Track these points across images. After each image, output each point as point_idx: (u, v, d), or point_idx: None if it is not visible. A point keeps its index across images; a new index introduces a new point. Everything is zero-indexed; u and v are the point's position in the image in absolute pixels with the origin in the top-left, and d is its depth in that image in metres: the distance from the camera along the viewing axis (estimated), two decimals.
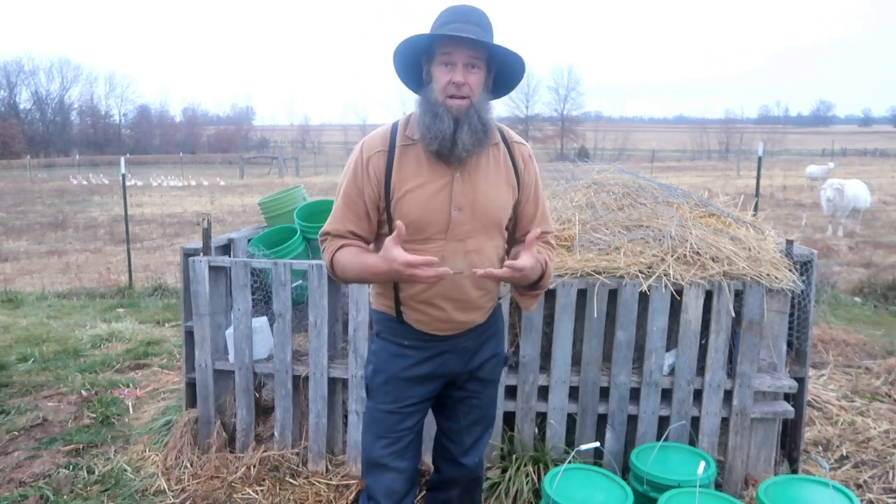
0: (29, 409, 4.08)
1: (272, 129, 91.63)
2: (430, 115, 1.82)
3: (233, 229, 8.33)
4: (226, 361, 3.36)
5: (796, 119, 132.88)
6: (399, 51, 1.88)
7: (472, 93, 1.82)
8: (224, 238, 3.74)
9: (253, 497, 3.05)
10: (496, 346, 2.15)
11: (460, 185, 1.88)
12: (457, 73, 1.80)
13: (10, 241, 13.03)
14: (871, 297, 6.91)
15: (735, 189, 8.94)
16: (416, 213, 1.87)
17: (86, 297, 7.84)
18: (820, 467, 3.22)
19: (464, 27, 1.80)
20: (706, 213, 3.41)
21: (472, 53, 1.81)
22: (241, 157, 37.16)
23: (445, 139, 1.81)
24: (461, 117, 1.81)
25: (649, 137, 61.55)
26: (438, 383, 2.08)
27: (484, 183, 1.92)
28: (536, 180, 2.05)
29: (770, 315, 2.98)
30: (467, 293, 1.94)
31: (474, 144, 1.84)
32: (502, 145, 1.99)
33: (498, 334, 2.17)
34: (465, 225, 1.89)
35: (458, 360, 2.06)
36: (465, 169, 1.90)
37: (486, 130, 1.86)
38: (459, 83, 1.80)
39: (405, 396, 2.04)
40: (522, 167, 2.01)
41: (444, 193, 1.88)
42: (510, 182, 1.98)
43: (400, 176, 1.89)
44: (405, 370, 2.03)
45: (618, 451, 3.06)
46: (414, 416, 2.07)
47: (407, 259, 1.70)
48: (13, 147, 49.93)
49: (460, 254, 1.90)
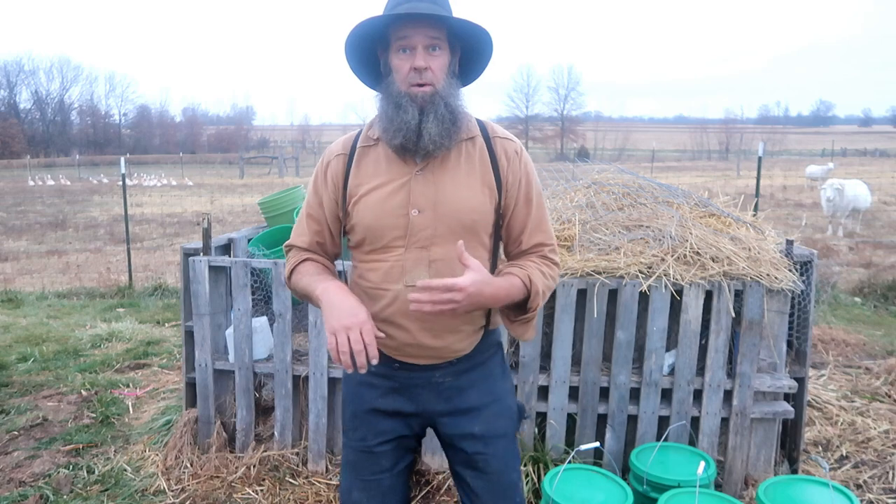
0: (29, 409, 4.08)
1: (272, 129, 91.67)
2: (393, 106, 1.60)
3: (233, 229, 8.34)
4: (226, 361, 3.36)
5: (796, 119, 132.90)
6: (350, 43, 1.65)
7: (435, 78, 1.59)
8: (224, 238, 3.74)
9: (253, 497, 3.05)
10: (495, 391, 1.76)
11: (420, 184, 1.63)
12: (417, 58, 1.57)
13: (10, 241, 13.03)
14: (871, 297, 6.91)
15: (735, 189, 8.94)
16: (370, 218, 1.64)
17: (86, 296, 7.84)
18: (820, 467, 3.22)
19: (417, 5, 1.56)
20: (706, 213, 3.41)
21: (430, 33, 1.58)
22: (241, 157, 37.15)
23: (410, 131, 1.58)
24: (426, 106, 1.58)
25: (649, 137, 61.57)
26: (415, 422, 1.76)
27: (451, 181, 1.64)
28: (528, 181, 1.71)
29: (770, 315, 2.98)
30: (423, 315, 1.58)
31: (442, 135, 1.59)
32: (480, 140, 1.70)
33: (492, 378, 1.77)
34: (427, 229, 1.62)
35: (435, 398, 1.73)
36: (430, 165, 1.65)
37: (454, 119, 1.61)
38: (420, 68, 1.57)
39: (376, 433, 1.74)
40: (505, 164, 1.69)
41: (401, 193, 1.63)
42: (486, 181, 1.67)
43: (356, 179, 1.68)
44: (372, 401, 1.74)
45: (618, 451, 3.06)
46: (390, 457, 1.76)
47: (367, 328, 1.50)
48: (13, 147, 49.97)
49: (423, 263, 1.63)
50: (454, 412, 1.73)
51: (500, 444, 1.74)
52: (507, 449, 1.76)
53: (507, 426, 1.77)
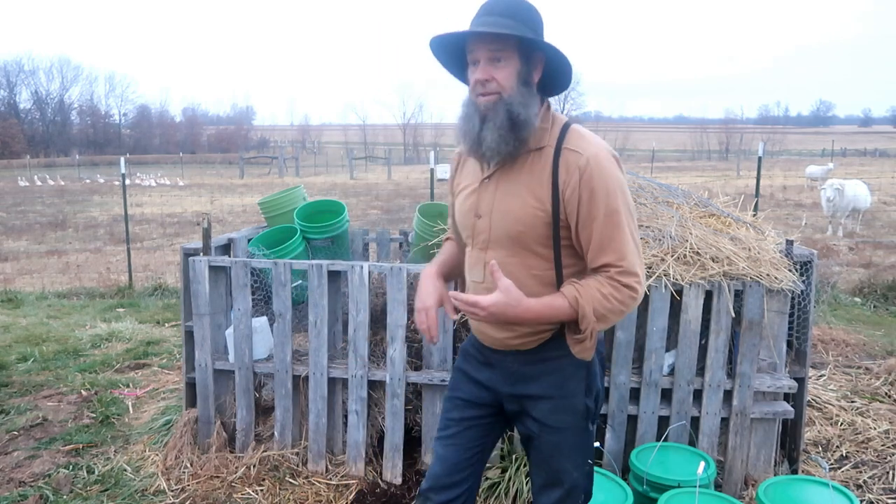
0: (29, 409, 4.08)
1: (272, 129, 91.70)
2: (463, 115, 1.76)
3: (233, 229, 8.34)
4: (226, 361, 3.36)
5: (796, 119, 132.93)
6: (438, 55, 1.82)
7: (501, 88, 1.67)
8: (224, 238, 3.74)
9: (253, 497, 3.05)
10: (556, 387, 1.84)
11: (485, 192, 1.79)
12: (478, 70, 1.69)
13: (10, 241, 13.03)
14: (871, 297, 6.91)
15: (735, 189, 8.94)
16: (456, 217, 1.93)
17: (86, 296, 7.84)
18: (820, 467, 3.22)
19: (486, 20, 1.67)
20: (706, 213, 3.41)
21: (492, 47, 1.67)
22: (241, 157, 37.17)
23: (473, 139, 1.71)
24: (488, 114, 1.69)
25: (649, 137, 61.58)
26: (487, 395, 1.94)
27: (507, 191, 1.74)
28: (591, 197, 1.66)
29: (770, 315, 2.98)
30: None
31: (498, 143, 1.68)
32: (549, 150, 1.72)
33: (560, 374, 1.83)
34: (484, 234, 1.79)
35: (503, 379, 1.89)
36: (497, 174, 1.77)
37: (513, 127, 1.66)
38: (482, 80, 1.69)
39: (459, 389, 2.00)
40: (564, 178, 1.68)
41: (472, 199, 1.83)
42: (538, 193, 1.70)
43: (458, 179, 1.95)
44: (465, 368, 2.00)
45: (618, 451, 3.06)
46: (461, 411, 1.97)
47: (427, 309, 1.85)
48: (13, 147, 49.96)
49: (480, 263, 1.82)
50: (516, 396, 1.88)
51: (554, 434, 1.84)
52: (563, 441, 1.85)
53: (567, 421, 1.84)
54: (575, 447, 1.87)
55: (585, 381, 1.85)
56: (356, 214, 15.42)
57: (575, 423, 1.85)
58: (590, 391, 1.86)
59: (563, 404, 1.83)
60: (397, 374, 3.14)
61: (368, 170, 37.46)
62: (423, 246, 3.71)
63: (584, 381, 1.85)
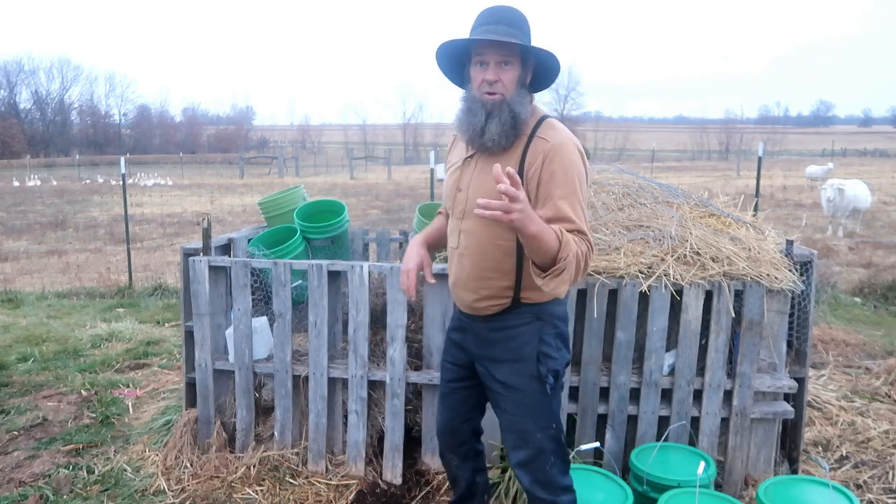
0: (29, 409, 4.08)
1: (272, 129, 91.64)
2: (466, 109, 2.02)
3: (233, 229, 8.34)
4: (226, 361, 3.36)
5: (796, 119, 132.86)
6: (439, 56, 2.09)
7: (505, 89, 1.98)
8: (224, 238, 3.74)
9: (253, 497, 3.05)
10: (513, 352, 2.12)
11: (467, 169, 2.11)
12: (489, 72, 1.96)
13: (10, 241, 13.03)
14: (871, 297, 6.91)
15: (735, 189, 8.93)
16: (444, 190, 2.22)
17: (86, 296, 7.84)
18: (820, 467, 3.22)
19: (495, 28, 1.94)
20: (706, 213, 3.41)
21: (502, 52, 1.95)
22: (241, 157, 37.16)
23: (475, 131, 1.99)
24: (493, 111, 1.97)
25: (649, 137, 61.56)
26: (464, 355, 2.27)
27: (483, 169, 2.03)
28: (550, 178, 1.93)
29: (770, 315, 2.98)
30: (457, 270, 2.16)
31: (500, 136, 1.97)
32: (525, 138, 2.01)
33: (517, 341, 2.11)
34: (461, 205, 2.11)
35: (474, 342, 2.22)
36: (478, 154, 2.07)
37: (514, 124, 1.97)
38: (491, 80, 1.96)
39: (448, 352, 2.36)
40: (531, 160, 1.97)
41: (455, 174, 2.15)
42: None
43: (449, 158, 2.25)
44: (449, 332, 2.36)
45: (618, 451, 3.06)
46: (449, 373, 2.34)
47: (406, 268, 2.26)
48: (13, 147, 49.93)
49: (456, 231, 2.15)
50: (483, 358, 2.20)
51: (515, 396, 2.13)
52: (522, 401, 2.13)
53: (523, 383, 2.12)
54: (535, 408, 2.13)
55: (538, 348, 2.11)
56: (356, 214, 15.42)
57: (531, 386, 2.12)
58: (542, 359, 2.11)
59: (518, 368, 2.12)
60: (397, 374, 3.14)
61: (368, 170, 37.45)
62: None
63: (537, 349, 2.11)
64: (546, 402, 2.14)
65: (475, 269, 2.09)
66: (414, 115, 74.95)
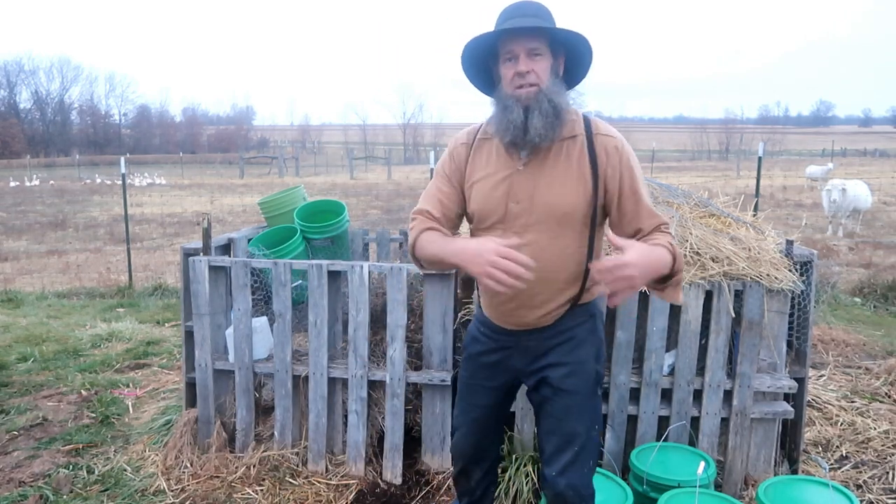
0: (29, 409, 4.08)
1: (272, 128, 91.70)
2: (501, 108, 1.89)
3: (233, 229, 8.34)
4: (226, 361, 3.36)
5: (796, 119, 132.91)
6: (465, 58, 1.95)
7: (539, 79, 1.85)
8: (224, 238, 3.74)
9: (253, 497, 3.05)
10: (571, 354, 2.02)
11: (520, 178, 1.92)
12: (520, 63, 1.85)
13: (10, 241, 13.03)
14: (871, 297, 6.91)
15: (735, 189, 8.93)
16: (478, 203, 1.97)
17: (86, 296, 7.84)
18: (820, 467, 3.22)
19: (520, 21, 1.84)
20: (706, 213, 3.41)
21: (531, 43, 1.84)
22: (241, 157, 37.16)
23: (517, 128, 1.85)
24: (531, 104, 1.84)
25: (649, 137, 61.52)
26: (506, 375, 2.13)
27: (548, 177, 1.90)
28: (631, 174, 1.92)
29: (770, 315, 2.98)
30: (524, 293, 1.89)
31: (546, 128, 1.85)
32: (582, 138, 1.92)
33: (574, 342, 2.03)
34: (522, 218, 1.92)
35: (521, 358, 2.08)
36: (532, 162, 1.92)
37: (557, 114, 1.86)
38: (522, 72, 1.84)
39: (477, 374, 2.17)
40: (604, 159, 1.90)
41: (504, 185, 1.93)
42: (583, 176, 1.90)
43: (472, 167, 2.00)
44: (478, 354, 2.16)
45: (618, 451, 3.06)
46: (482, 394, 2.17)
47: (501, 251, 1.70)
48: (13, 147, 49.94)
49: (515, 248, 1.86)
50: (534, 371, 2.06)
51: (568, 399, 2.01)
52: (574, 404, 2.01)
53: (579, 385, 2.01)
54: (585, 410, 2.03)
55: (595, 347, 2.05)
56: (356, 214, 15.42)
57: (586, 387, 2.02)
58: (598, 358, 2.06)
59: (576, 369, 2.01)
60: (397, 374, 3.14)
61: (368, 170, 37.46)
62: None
63: (595, 348, 2.05)
64: (595, 402, 2.06)
65: (545, 284, 1.93)
66: (414, 115, 75.03)
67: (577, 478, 2.00)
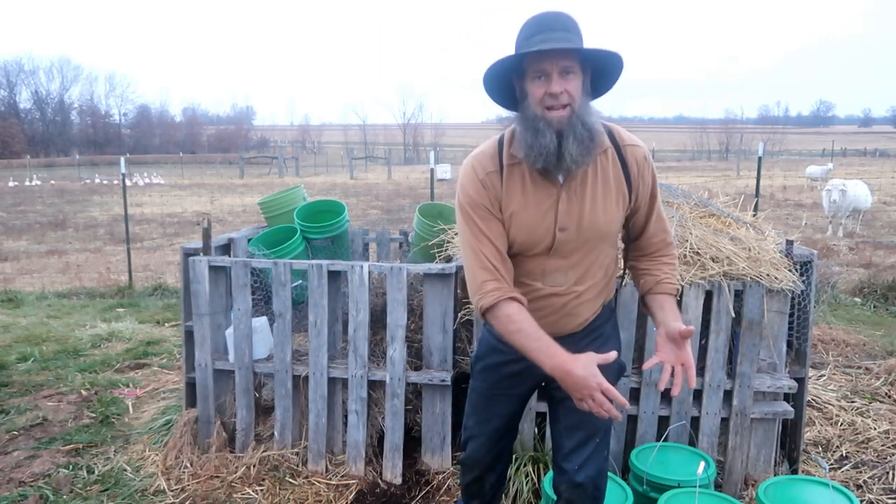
0: (29, 409, 4.08)
1: (272, 129, 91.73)
2: (531, 131, 1.76)
3: (233, 229, 8.34)
4: (226, 361, 3.36)
5: (796, 119, 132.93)
6: (488, 76, 1.82)
7: (571, 99, 1.74)
8: (224, 238, 3.74)
9: (253, 497, 3.05)
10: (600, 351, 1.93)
11: (565, 205, 1.84)
12: (553, 84, 1.73)
13: (10, 241, 13.03)
14: (871, 297, 6.91)
15: (735, 189, 8.94)
16: (522, 236, 1.87)
17: (86, 296, 7.84)
18: (820, 468, 3.22)
19: (551, 36, 1.73)
20: (706, 213, 3.41)
21: (564, 61, 1.73)
22: (241, 157, 37.17)
23: (550, 154, 1.75)
24: (564, 128, 1.74)
25: (649, 137, 61.51)
26: (531, 381, 2.12)
27: (590, 198, 1.85)
28: (652, 184, 1.95)
29: (770, 315, 2.98)
30: (568, 307, 1.95)
31: (582, 154, 1.76)
32: (612, 151, 1.88)
33: (601, 339, 2.05)
34: (570, 243, 1.88)
35: None
36: (571, 185, 1.84)
37: (591, 137, 1.77)
38: (556, 93, 1.73)
39: (497, 384, 2.14)
40: (636, 173, 1.90)
41: (549, 216, 1.85)
42: (621, 192, 1.89)
43: (508, 196, 1.86)
44: (500, 364, 2.11)
45: (618, 451, 3.06)
46: (504, 403, 2.15)
47: (605, 386, 1.67)
48: (13, 147, 49.97)
49: (562, 269, 1.92)
50: None
51: None
52: None
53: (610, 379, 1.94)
54: None
55: (618, 340, 2.11)
56: (356, 214, 15.42)
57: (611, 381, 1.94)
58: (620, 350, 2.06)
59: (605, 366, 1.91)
60: (397, 374, 3.14)
61: (368, 170, 37.47)
62: (423, 246, 3.71)
63: (618, 342, 2.11)
64: None
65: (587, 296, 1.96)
66: (414, 115, 75.02)
67: (596, 470, 2.04)
